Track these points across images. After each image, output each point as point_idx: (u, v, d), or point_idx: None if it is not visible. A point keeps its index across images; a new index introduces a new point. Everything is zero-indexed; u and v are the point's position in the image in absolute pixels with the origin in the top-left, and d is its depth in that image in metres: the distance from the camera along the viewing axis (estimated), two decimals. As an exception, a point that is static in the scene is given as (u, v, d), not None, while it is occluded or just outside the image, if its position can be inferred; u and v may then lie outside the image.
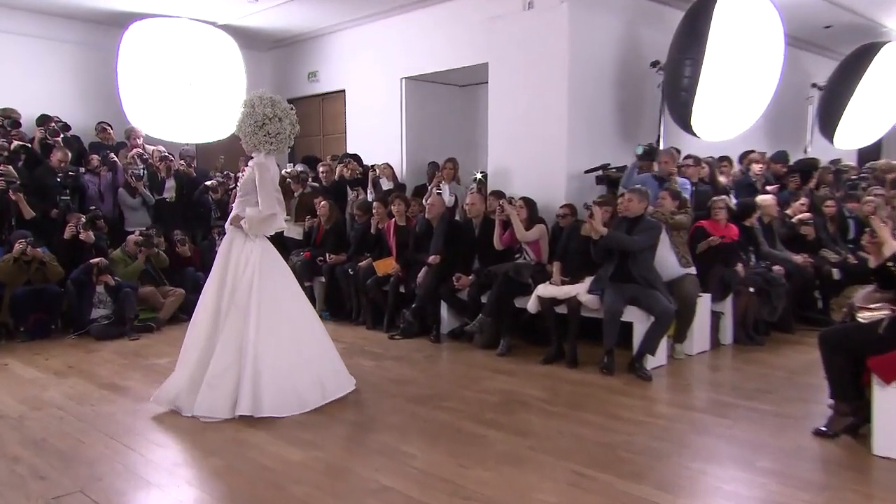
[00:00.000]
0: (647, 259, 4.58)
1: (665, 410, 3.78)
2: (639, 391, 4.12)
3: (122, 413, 3.75)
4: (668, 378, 4.46)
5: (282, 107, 3.76)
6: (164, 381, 3.83)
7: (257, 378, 3.57)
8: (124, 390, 4.19)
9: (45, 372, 4.62)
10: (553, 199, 5.91)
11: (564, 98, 5.88)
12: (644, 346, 4.45)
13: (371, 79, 8.09)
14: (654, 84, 6.28)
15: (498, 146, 6.45)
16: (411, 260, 5.99)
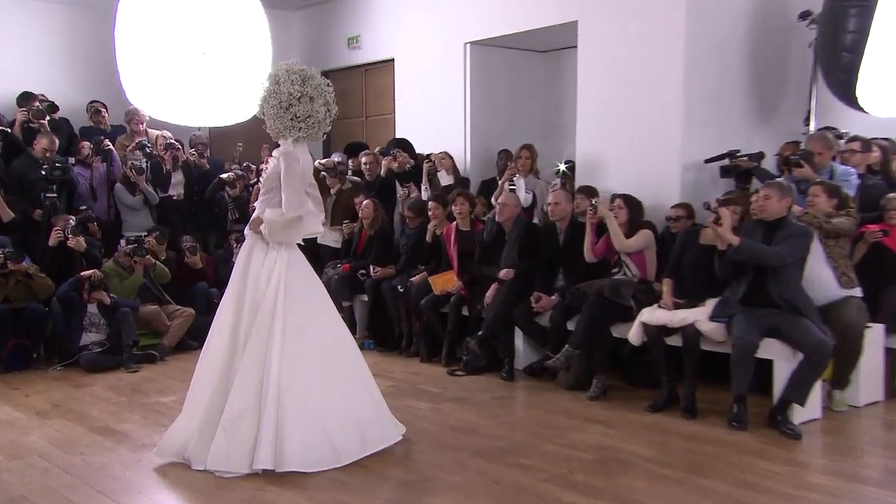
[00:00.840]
0: (792, 276, 4.45)
1: (820, 481, 3.64)
2: (782, 453, 3.99)
3: (118, 464, 3.90)
4: (823, 437, 4.30)
5: (314, 83, 3.86)
6: (170, 425, 3.98)
7: (281, 423, 3.65)
8: (121, 436, 4.36)
9: (26, 411, 4.86)
10: (662, 198, 5.83)
11: (679, 65, 5.83)
12: (789, 393, 4.32)
13: (427, 45, 8.22)
14: (804, 43, 6.14)
15: (589, 129, 6.44)
16: (477, 275, 6.03)
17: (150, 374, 5.84)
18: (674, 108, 5.87)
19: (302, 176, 3.91)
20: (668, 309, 4.75)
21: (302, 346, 3.78)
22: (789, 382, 4.32)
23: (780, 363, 4.42)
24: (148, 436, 4.31)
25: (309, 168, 4.03)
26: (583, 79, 6.45)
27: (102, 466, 3.88)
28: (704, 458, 3.91)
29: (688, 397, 4.61)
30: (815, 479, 3.67)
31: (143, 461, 3.94)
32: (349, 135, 9.15)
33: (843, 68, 5.68)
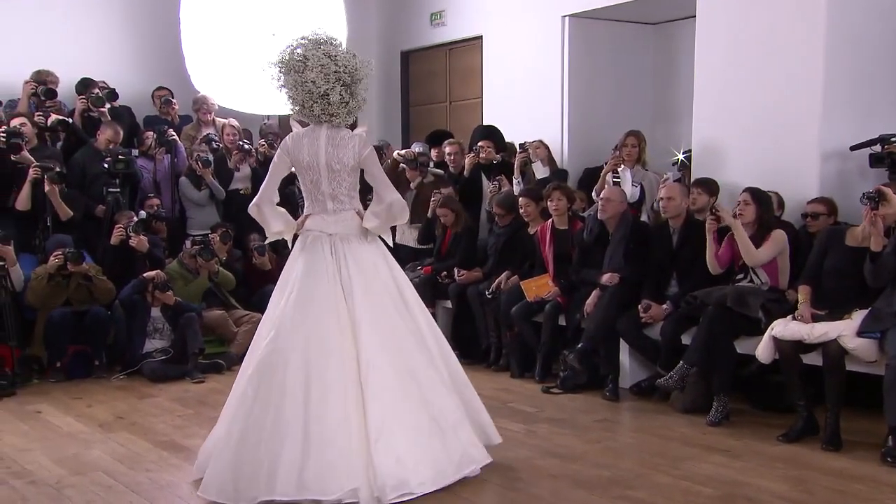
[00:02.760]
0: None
1: None
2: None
3: (186, 484, 3.98)
4: None
5: (316, 52, 3.85)
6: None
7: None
8: (188, 452, 4.47)
9: (88, 423, 5.06)
10: (797, 192, 5.65)
11: (820, 35, 5.62)
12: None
13: (519, 19, 8.18)
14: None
15: (708, 112, 6.28)
16: (576, 280, 5.96)
17: (216, 384, 6.00)
18: (812, 86, 5.66)
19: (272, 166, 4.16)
20: (806, 321, 4.56)
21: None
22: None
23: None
24: (214, 452, 4.42)
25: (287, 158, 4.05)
26: (701, 54, 6.30)
27: (170, 485, 3.98)
28: (852, 499, 3.74)
29: (831, 426, 4.42)
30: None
31: (209, 480, 4.03)
32: (432, 122, 9.21)
33: None
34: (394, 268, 4.14)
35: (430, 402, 3.83)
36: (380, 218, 4.06)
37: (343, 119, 3.94)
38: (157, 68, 8.34)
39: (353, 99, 3.89)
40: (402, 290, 4.08)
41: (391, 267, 4.12)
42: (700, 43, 6.31)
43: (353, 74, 3.86)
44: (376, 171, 4.08)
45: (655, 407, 5.25)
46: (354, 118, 3.99)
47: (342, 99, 3.85)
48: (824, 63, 5.62)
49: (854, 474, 4.04)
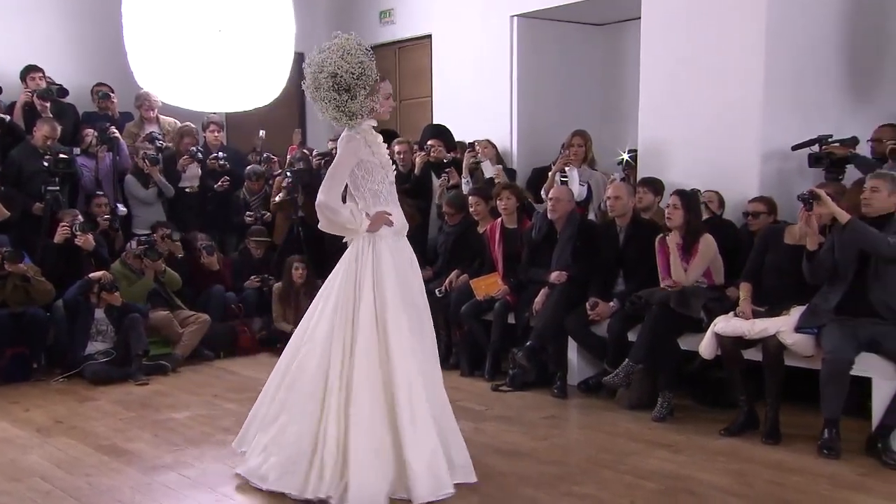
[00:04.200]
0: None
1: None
2: (884, 487, 3.88)
3: (127, 488, 3.93)
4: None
5: (312, 62, 3.87)
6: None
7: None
8: (130, 455, 4.40)
9: (25, 428, 4.93)
10: (739, 191, 5.76)
11: (760, 38, 5.75)
12: (892, 417, 4.22)
13: (468, 18, 8.22)
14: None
15: (653, 113, 6.37)
16: (525, 278, 6.00)
17: (161, 386, 5.92)
18: (753, 88, 5.78)
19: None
20: (747, 318, 4.67)
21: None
22: (890, 404, 4.22)
23: (881, 382, 4.30)
24: (159, 456, 4.36)
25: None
26: (646, 55, 6.39)
27: (110, 490, 3.92)
28: (790, 490, 3.83)
29: (771, 420, 4.53)
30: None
31: (154, 484, 3.97)
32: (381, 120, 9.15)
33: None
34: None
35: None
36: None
37: (345, 121, 3.92)
38: (97, 63, 8.14)
39: (352, 101, 3.84)
40: None
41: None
42: (645, 44, 6.40)
43: (343, 77, 3.80)
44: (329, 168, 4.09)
45: (602, 404, 5.31)
46: (361, 119, 3.92)
47: (336, 103, 3.85)
48: (765, 65, 5.75)
49: (792, 466, 4.13)
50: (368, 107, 3.88)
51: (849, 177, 5.54)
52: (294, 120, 9.66)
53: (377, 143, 3.99)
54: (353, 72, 3.79)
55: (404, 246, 4.06)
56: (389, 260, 3.92)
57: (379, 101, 3.93)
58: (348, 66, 3.78)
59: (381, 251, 3.92)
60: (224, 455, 4.36)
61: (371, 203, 3.98)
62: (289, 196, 7.54)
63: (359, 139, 3.92)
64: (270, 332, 7.05)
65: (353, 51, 3.81)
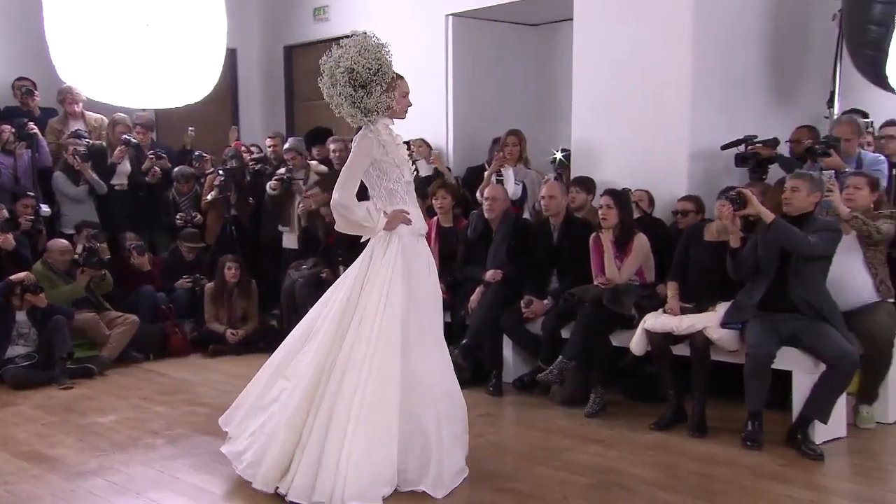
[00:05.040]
0: (816, 278, 4.49)
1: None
2: (802, 476, 4.01)
3: (49, 495, 3.83)
4: (848, 457, 4.33)
5: (329, 58, 3.84)
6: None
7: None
8: (53, 462, 4.29)
9: (-57, 434, 4.79)
10: (668, 190, 5.88)
11: (687, 41, 5.87)
12: (810, 409, 4.35)
13: (403, 16, 8.20)
14: (827, 15, 6.20)
15: (585, 113, 6.45)
16: (460, 277, 6.03)
17: (86, 390, 5.77)
18: (681, 89, 5.91)
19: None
20: (675, 315, 4.77)
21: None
22: (810, 397, 4.35)
23: (800, 375, 4.44)
24: (84, 462, 4.26)
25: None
26: (578, 55, 6.47)
27: (31, 497, 3.81)
28: (715, 482, 3.92)
29: (697, 414, 4.63)
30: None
31: (79, 491, 3.88)
32: (317, 118, 9.10)
33: (872, 43, 5.70)
34: None
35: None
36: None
37: (360, 119, 3.87)
38: (17, 57, 7.88)
39: (368, 97, 3.80)
40: None
41: None
42: (577, 45, 6.48)
43: (360, 73, 3.77)
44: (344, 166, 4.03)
45: (537, 401, 5.36)
46: (376, 116, 3.88)
47: (351, 100, 3.81)
48: (692, 67, 5.86)
49: (717, 458, 4.24)
50: (385, 104, 3.85)
51: (772, 176, 5.71)
52: (227, 117, 9.53)
53: (392, 143, 3.95)
54: (370, 67, 3.76)
55: (421, 247, 4.02)
56: (401, 261, 3.87)
57: (395, 98, 3.90)
58: (365, 62, 3.75)
59: (396, 251, 3.88)
60: (152, 459, 4.29)
61: (387, 202, 3.95)
62: (221, 195, 7.44)
63: (371, 138, 3.88)
64: (202, 333, 6.95)
65: (370, 47, 3.79)
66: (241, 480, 3.95)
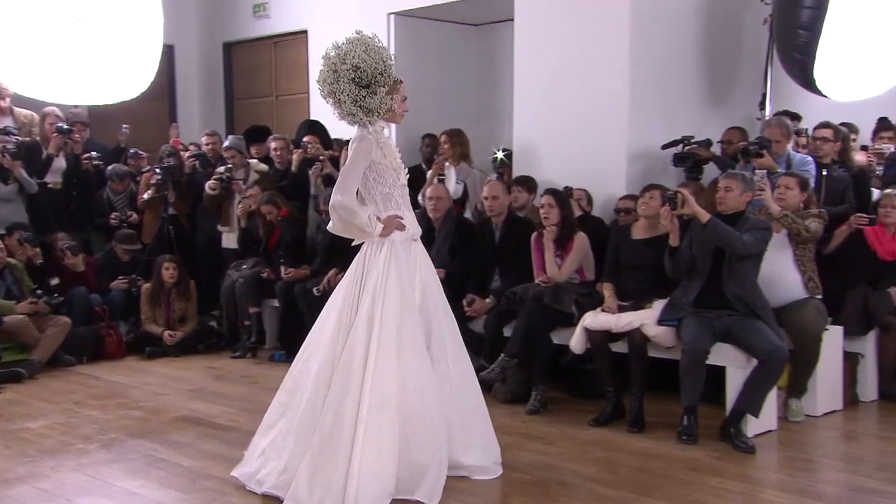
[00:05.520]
0: (749, 275, 4.60)
1: (774, 499, 3.75)
2: (735, 469, 4.10)
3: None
4: (779, 450, 4.44)
5: (329, 56, 3.76)
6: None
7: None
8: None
9: None
10: (607, 189, 5.97)
11: (625, 42, 5.95)
12: (743, 403, 4.45)
13: (345, 14, 8.17)
14: (759, 20, 6.35)
15: (527, 113, 6.51)
16: (402, 276, 6.03)
17: (14, 395, 5.61)
18: (619, 90, 5.99)
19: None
20: (612, 313, 4.84)
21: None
22: (742, 391, 4.45)
23: (733, 370, 4.54)
24: (11, 469, 4.13)
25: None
26: (520, 56, 6.52)
27: (-45, 507, 3.71)
28: (651, 476, 3.99)
29: (635, 409, 4.70)
30: (768, 496, 3.79)
31: (6, 499, 3.77)
32: (257, 116, 9.03)
33: (800, 48, 5.88)
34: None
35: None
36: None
37: (360, 118, 3.79)
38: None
39: (371, 97, 3.74)
40: None
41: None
42: (518, 46, 6.53)
43: (365, 71, 3.70)
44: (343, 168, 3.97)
45: (478, 399, 5.42)
46: (376, 117, 3.81)
47: (354, 98, 3.72)
48: (630, 68, 5.95)
49: (654, 453, 4.31)
50: (387, 105, 3.80)
51: (707, 176, 5.84)
52: (164, 115, 9.37)
53: (388, 145, 3.90)
54: (376, 67, 3.70)
55: (417, 251, 3.96)
56: (394, 267, 3.80)
57: (397, 101, 3.85)
58: (371, 61, 3.70)
59: (388, 257, 3.81)
60: (84, 464, 4.19)
61: (382, 207, 3.87)
62: (158, 193, 7.31)
63: (370, 139, 3.81)
64: (138, 335, 6.82)
65: (375, 47, 3.74)
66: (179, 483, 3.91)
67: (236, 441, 4.49)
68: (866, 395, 5.21)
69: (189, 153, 7.82)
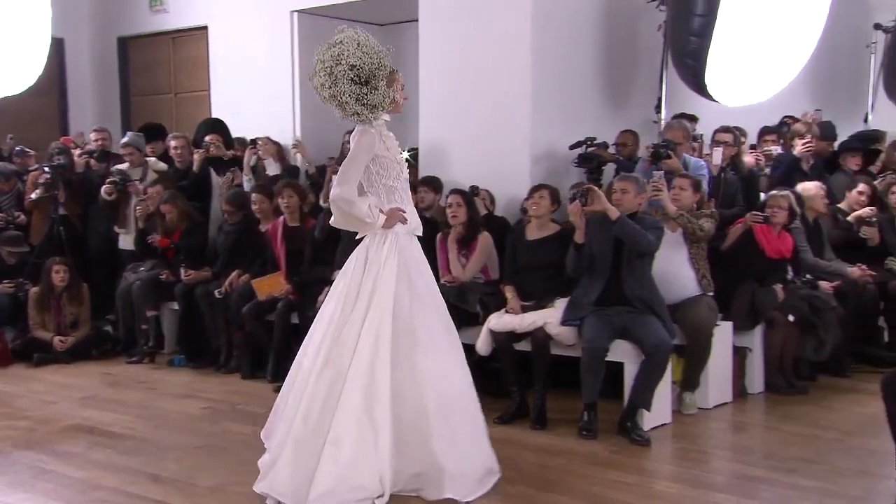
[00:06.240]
0: (646, 272, 4.78)
1: (667, 489, 3.90)
2: (632, 462, 4.24)
3: None
4: (673, 442, 4.61)
5: (325, 55, 3.71)
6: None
7: None
8: None
9: None
10: (511, 189, 6.07)
11: (527, 44, 6.07)
12: (635, 397, 4.61)
13: (246, 11, 8.08)
14: (654, 24, 6.57)
15: (433, 113, 6.56)
16: (308, 277, 6.00)
17: None
18: (522, 91, 6.09)
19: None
20: (516, 314, 4.92)
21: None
22: (633, 385, 4.61)
23: (630, 366, 4.69)
24: None
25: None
26: (425, 56, 6.55)
27: None
28: (553, 471, 4.09)
29: (537, 406, 4.80)
30: (662, 487, 3.94)
31: None
32: (156, 114, 8.81)
33: (692, 53, 6.11)
34: None
35: None
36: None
37: (365, 116, 3.71)
38: None
39: (373, 93, 3.67)
40: None
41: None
42: (423, 46, 6.57)
43: (362, 69, 3.64)
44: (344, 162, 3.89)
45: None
46: (383, 111, 3.76)
47: (356, 97, 3.65)
48: (532, 72, 6.06)
49: (556, 449, 4.42)
50: (390, 97, 3.75)
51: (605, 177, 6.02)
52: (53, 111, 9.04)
53: (391, 138, 3.85)
54: (372, 62, 3.64)
55: (414, 245, 3.91)
56: (398, 260, 3.76)
57: (397, 91, 3.80)
58: (367, 57, 3.63)
59: (392, 250, 3.77)
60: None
61: (385, 200, 3.83)
62: (47, 193, 7.03)
63: (373, 133, 3.75)
64: (26, 342, 6.56)
65: (366, 41, 3.68)
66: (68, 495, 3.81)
67: (132, 449, 4.42)
68: (754, 388, 5.46)
69: (81, 150, 7.56)
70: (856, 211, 6.34)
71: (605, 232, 4.74)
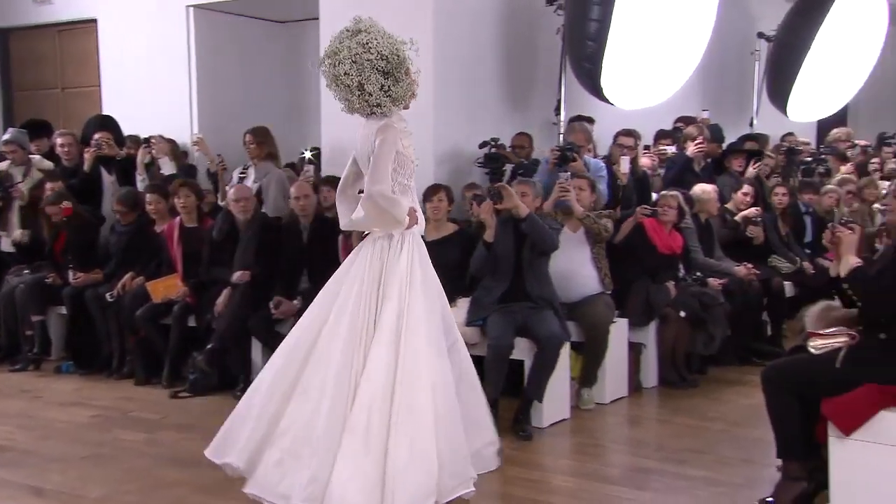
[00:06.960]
0: (545, 270, 4.93)
1: (565, 483, 4.02)
2: (529, 457, 4.35)
3: None
4: (571, 437, 4.76)
5: (350, 42, 3.54)
6: None
7: None
8: None
9: None
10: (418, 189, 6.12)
11: (429, 44, 6.08)
12: (529, 390, 4.73)
13: (139, 5, 7.86)
14: (553, 27, 6.71)
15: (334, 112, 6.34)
16: (206, 278, 5.93)
17: None
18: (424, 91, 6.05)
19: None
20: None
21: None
22: (527, 379, 4.74)
23: (530, 362, 4.80)
24: None
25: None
26: (325, 54, 6.55)
27: None
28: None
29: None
30: (560, 482, 4.08)
31: None
32: (42, 110, 8.47)
33: (588, 57, 6.29)
34: None
35: None
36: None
37: (388, 108, 3.54)
38: None
39: (396, 85, 3.51)
40: None
41: None
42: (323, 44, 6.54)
43: (389, 60, 3.48)
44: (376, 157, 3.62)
45: (286, 403, 5.41)
46: (405, 104, 3.60)
47: (382, 87, 3.49)
48: (434, 72, 6.08)
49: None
50: (411, 90, 3.61)
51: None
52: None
53: (408, 134, 3.68)
54: (396, 53, 3.50)
55: (422, 244, 3.76)
56: (417, 260, 3.62)
57: (415, 84, 3.65)
58: (392, 48, 3.49)
59: (412, 250, 3.61)
60: None
61: (400, 198, 3.61)
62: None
63: (396, 129, 3.57)
64: None
65: (387, 33, 3.56)
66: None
67: (11, 462, 4.27)
68: (648, 382, 5.69)
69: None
70: (742, 211, 6.69)
71: (508, 231, 4.85)
